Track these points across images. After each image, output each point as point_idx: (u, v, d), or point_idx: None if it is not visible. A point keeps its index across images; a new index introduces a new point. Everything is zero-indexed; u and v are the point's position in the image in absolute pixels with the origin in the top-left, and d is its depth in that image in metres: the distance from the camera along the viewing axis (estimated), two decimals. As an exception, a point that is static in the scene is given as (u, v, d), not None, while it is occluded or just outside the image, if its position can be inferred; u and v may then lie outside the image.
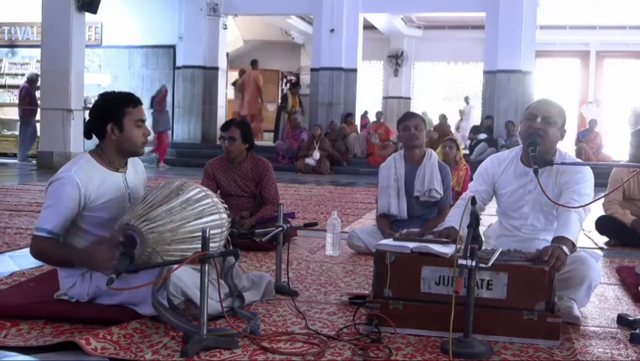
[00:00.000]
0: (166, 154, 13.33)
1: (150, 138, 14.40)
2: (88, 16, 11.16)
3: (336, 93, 14.28)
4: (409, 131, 4.36)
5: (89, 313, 2.66)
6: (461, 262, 2.35)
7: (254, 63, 15.38)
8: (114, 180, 2.84)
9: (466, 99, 17.77)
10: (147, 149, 12.88)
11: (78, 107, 10.92)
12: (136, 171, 2.99)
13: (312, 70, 14.73)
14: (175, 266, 2.46)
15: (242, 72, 15.78)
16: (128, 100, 2.83)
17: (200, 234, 2.42)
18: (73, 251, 2.69)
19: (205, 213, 2.68)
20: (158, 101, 13.21)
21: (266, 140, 16.33)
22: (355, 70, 14.43)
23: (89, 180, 2.73)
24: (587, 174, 3.03)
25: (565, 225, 2.86)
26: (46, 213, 2.71)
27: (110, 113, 2.80)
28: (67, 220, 2.71)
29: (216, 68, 14.85)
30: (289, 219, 3.51)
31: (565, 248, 2.70)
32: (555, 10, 15.67)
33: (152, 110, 13.07)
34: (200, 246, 2.42)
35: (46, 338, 2.44)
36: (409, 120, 4.39)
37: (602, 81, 18.55)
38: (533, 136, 2.98)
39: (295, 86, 14.67)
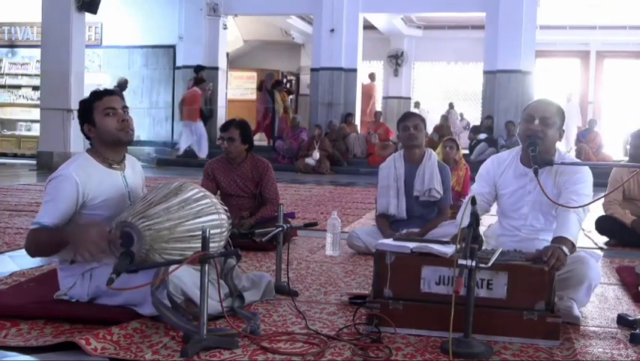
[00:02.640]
0: None
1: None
2: (88, 16, 11.16)
3: (336, 93, 14.29)
4: (408, 131, 4.37)
5: (89, 313, 2.66)
6: (461, 261, 2.35)
7: (372, 76, 16.31)
8: (113, 178, 2.85)
9: (417, 104, 17.88)
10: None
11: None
12: (134, 170, 3.00)
13: (312, 70, 14.73)
14: (173, 266, 2.46)
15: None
16: (93, 96, 2.85)
17: (198, 233, 2.42)
18: (66, 229, 2.68)
19: (203, 212, 2.69)
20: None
21: (262, 140, 16.31)
22: (355, 70, 14.43)
23: (87, 178, 2.74)
24: (586, 174, 3.02)
25: (564, 225, 2.86)
26: (44, 208, 2.71)
27: (83, 115, 2.85)
28: (64, 217, 2.71)
29: (216, 68, 14.85)
30: (289, 219, 3.51)
31: (565, 248, 2.70)
32: (555, 10, 15.67)
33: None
34: (198, 245, 2.42)
35: (46, 338, 2.44)
36: (409, 120, 4.40)
37: (602, 81, 18.55)
38: (532, 138, 2.98)
39: (278, 84, 14.86)
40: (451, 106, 17.54)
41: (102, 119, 2.80)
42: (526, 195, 3.14)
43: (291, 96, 16.20)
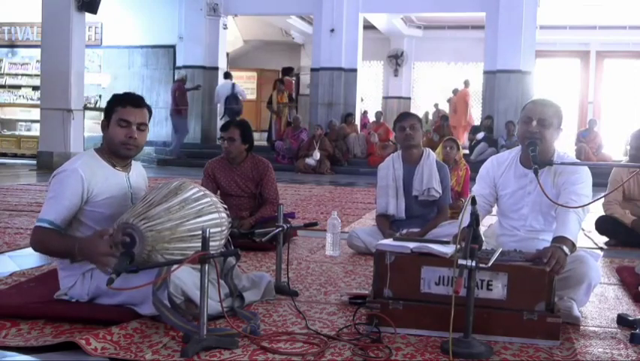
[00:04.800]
0: None
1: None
2: (88, 16, 11.17)
3: (336, 93, 14.29)
4: (404, 131, 4.38)
5: (89, 313, 2.66)
6: (461, 262, 2.35)
7: (466, 83, 16.73)
8: (117, 178, 2.86)
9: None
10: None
11: (78, 107, 10.92)
12: (138, 173, 3.02)
13: (312, 70, 14.73)
14: (175, 266, 2.46)
15: (455, 91, 16.89)
16: (120, 99, 2.86)
17: (199, 232, 2.42)
18: (73, 240, 2.69)
19: (204, 211, 2.69)
20: None
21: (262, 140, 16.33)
22: (355, 70, 14.44)
23: (92, 175, 2.75)
24: (585, 175, 3.02)
25: (564, 224, 2.86)
26: (49, 204, 2.72)
27: (106, 110, 2.89)
28: (69, 213, 2.72)
29: (216, 68, 14.86)
30: (289, 219, 3.51)
31: (565, 248, 2.70)
32: (555, 10, 15.68)
33: None
34: (199, 244, 2.42)
35: (46, 338, 2.44)
36: (405, 120, 4.40)
37: (602, 81, 18.56)
38: (531, 140, 2.98)
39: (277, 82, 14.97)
40: (436, 106, 17.59)
41: (114, 127, 2.82)
42: (526, 196, 3.14)
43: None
